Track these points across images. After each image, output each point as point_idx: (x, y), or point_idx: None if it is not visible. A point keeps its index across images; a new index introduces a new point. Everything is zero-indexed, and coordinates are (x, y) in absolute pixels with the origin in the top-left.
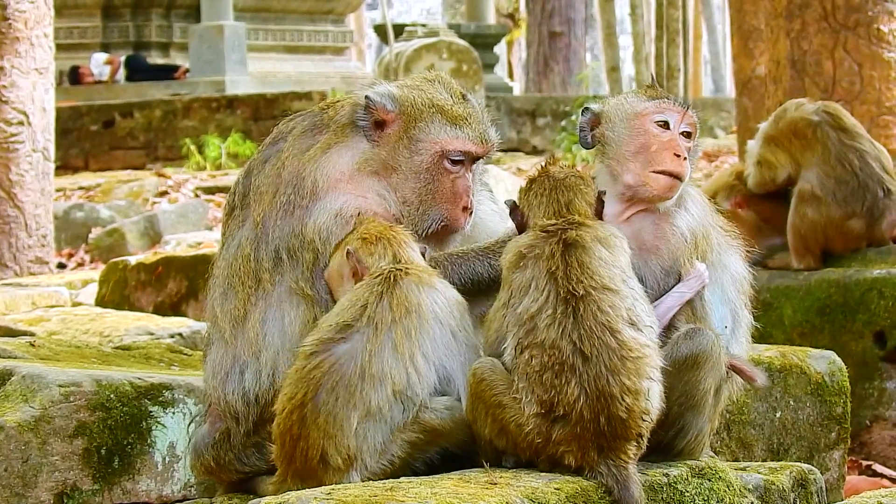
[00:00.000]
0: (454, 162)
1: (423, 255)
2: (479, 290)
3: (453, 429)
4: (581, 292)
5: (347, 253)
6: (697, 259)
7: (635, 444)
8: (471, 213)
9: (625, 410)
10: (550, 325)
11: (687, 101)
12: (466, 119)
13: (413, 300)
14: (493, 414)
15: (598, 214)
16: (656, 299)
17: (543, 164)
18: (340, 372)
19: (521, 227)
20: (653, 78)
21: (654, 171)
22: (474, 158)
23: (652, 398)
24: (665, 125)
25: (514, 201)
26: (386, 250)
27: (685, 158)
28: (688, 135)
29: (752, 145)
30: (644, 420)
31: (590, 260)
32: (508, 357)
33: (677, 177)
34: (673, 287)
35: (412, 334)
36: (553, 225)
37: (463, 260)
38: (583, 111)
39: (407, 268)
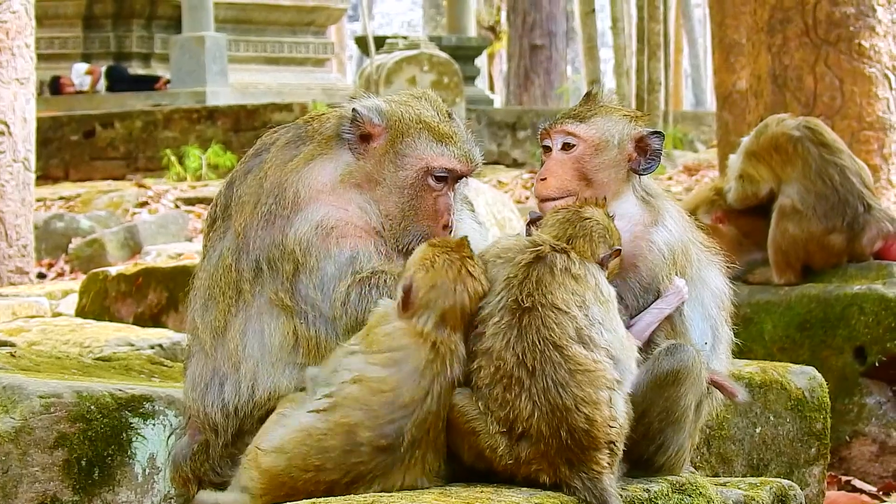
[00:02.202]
0: (438, 179)
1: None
2: None
3: None
4: (527, 304)
5: (403, 284)
6: (676, 275)
7: (607, 452)
8: (450, 231)
9: (585, 420)
10: (496, 333)
11: (549, 121)
12: (452, 137)
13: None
14: (469, 441)
15: (602, 265)
16: (635, 316)
17: (589, 198)
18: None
19: None
20: (598, 88)
21: None
22: (458, 177)
23: (615, 406)
24: (546, 149)
25: (540, 215)
26: (441, 301)
27: (543, 179)
28: (567, 146)
29: (734, 160)
30: (612, 427)
31: (550, 280)
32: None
33: (538, 198)
34: (652, 303)
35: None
36: (543, 242)
37: None
38: None
39: (452, 345)
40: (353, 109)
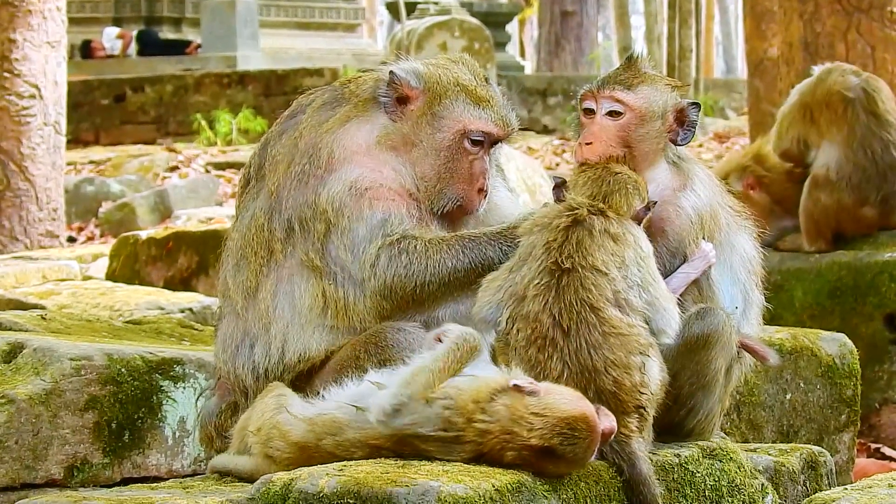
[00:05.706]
0: (474, 142)
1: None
2: (489, 273)
3: None
4: (567, 266)
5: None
6: (704, 239)
7: (636, 416)
8: (485, 195)
9: (612, 384)
10: (536, 295)
11: (596, 84)
12: (489, 101)
13: None
14: None
15: (637, 220)
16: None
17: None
18: None
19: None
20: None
21: None
22: (494, 141)
23: (648, 372)
24: (587, 111)
25: (563, 179)
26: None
27: (588, 143)
28: (614, 114)
29: (787, 104)
30: (642, 393)
31: (590, 242)
32: (502, 329)
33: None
34: (679, 267)
35: None
36: (579, 205)
37: (475, 243)
38: None
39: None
40: (391, 72)
